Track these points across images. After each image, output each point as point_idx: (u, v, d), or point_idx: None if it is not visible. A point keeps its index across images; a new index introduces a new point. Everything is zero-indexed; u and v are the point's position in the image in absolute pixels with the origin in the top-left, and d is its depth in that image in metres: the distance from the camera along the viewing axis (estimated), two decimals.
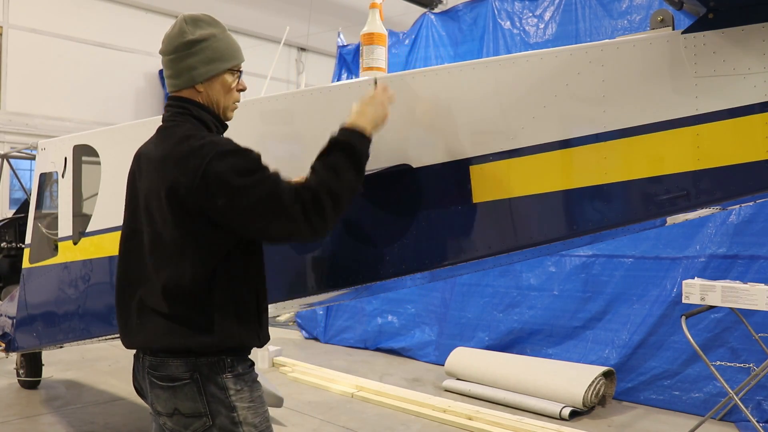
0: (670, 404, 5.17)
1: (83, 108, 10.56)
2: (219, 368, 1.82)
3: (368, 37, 2.65)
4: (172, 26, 1.98)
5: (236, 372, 1.85)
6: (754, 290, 3.93)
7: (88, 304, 3.60)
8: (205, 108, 1.97)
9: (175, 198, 1.78)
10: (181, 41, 1.93)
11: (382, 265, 2.36)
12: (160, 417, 1.89)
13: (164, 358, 1.84)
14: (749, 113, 1.87)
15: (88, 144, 3.67)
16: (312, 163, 1.91)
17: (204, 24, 1.97)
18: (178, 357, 1.82)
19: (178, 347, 1.82)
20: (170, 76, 1.98)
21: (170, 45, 1.95)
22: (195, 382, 1.81)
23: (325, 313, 7.84)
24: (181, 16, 1.99)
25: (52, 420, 4.83)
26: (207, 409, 1.80)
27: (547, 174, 2.12)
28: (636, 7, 5.62)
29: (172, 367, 1.82)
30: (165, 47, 1.97)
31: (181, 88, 1.97)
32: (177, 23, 1.97)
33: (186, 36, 1.93)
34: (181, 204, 1.78)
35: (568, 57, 2.11)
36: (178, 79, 1.96)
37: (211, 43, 1.95)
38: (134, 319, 1.91)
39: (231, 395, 1.82)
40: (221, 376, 1.82)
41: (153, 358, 1.87)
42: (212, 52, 1.95)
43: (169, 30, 1.99)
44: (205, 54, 1.94)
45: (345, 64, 8.05)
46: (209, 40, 1.95)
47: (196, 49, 1.93)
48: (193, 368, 1.81)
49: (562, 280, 5.92)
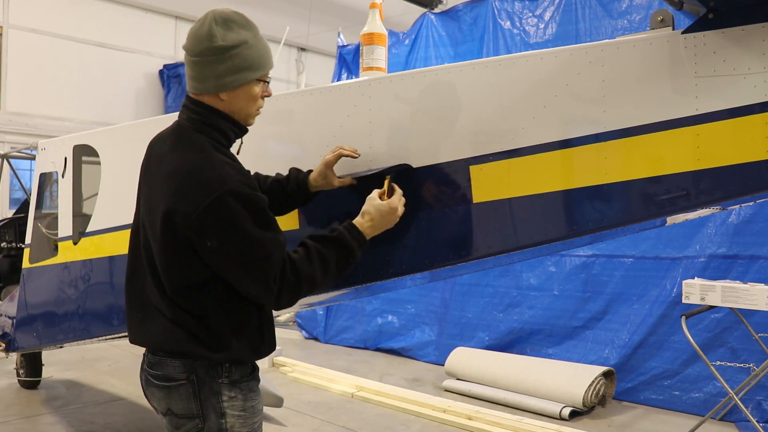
0: (670, 404, 5.17)
1: (83, 108, 10.56)
2: (216, 373, 1.80)
3: (368, 37, 2.65)
4: (200, 23, 1.81)
5: (233, 378, 1.82)
6: (754, 290, 3.93)
7: (88, 304, 3.60)
8: (224, 116, 1.87)
9: (170, 222, 1.73)
10: (209, 46, 1.78)
11: (383, 265, 2.36)
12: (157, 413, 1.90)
13: (163, 357, 1.83)
14: (749, 113, 1.87)
15: (88, 144, 3.67)
16: (308, 240, 1.89)
17: (236, 26, 1.81)
18: (176, 358, 1.81)
19: (177, 350, 1.80)
20: (193, 77, 1.85)
21: (196, 47, 1.80)
22: (191, 384, 1.79)
23: (325, 313, 7.83)
24: (212, 13, 1.81)
25: (52, 420, 4.83)
26: (200, 411, 1.79)
27: (547, 174, 2.12)
28: (636, 7, 5.62)
29: (170, 367, 1.81)
30: (190, 47, 1.81)
31: (202, 93, 1.85)
32: (206, 22, 1.80)
33: (215, 41, 1.77)
34: (173, 229, 1.73)
35: (568, 57, 2.11)
36: (201, 83, 1.83)
37: (241, 50, 1.80)
38: (137, 313, 1.90)
39: (223, 401, 1.80)
40: (217, 381, 1.80)
41: (152, 356, 1.86)
42: (241, 61, 1.81)
43: (196, 27, 1.82)
44: (233, 62, 1.80)
45: (345, 64, 8.05)
46: (240, 47, 1.80)
47: (224, 57, 1.78)
48: (191, 370, 1.80)
49: (562, 280, 5.92)
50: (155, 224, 1.78)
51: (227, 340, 1.80)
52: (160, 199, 1.77)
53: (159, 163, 1.85)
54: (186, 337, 1.78)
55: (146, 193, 1.89)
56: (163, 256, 1.78)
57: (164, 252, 1.77)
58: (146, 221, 1.85)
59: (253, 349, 1.87)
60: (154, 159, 1.90)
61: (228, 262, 1.73)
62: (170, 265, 1.77)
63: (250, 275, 1.74)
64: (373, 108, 2.39)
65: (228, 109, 1.87)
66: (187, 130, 1.86)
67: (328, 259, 1.88)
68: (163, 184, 1.78)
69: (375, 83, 2.43)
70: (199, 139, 1.82)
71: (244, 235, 1.70)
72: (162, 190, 1.77)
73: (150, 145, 1.97)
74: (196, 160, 1.76)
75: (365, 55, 2.64)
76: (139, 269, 1.90)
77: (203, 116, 1.85)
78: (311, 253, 1.85)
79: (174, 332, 1.79)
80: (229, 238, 1.70)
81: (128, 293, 1.95)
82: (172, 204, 1.72)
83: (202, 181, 1.70)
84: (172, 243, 1.75)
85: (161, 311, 1.81)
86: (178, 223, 1.71)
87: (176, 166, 1.77)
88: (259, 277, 1.73)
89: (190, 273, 1.77)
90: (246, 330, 1.84)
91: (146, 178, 1.92)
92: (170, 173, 1.77)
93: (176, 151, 1.82)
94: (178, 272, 1.78)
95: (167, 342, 1.81)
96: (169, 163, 1.80)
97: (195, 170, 1.73)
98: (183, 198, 1.71)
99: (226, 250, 1.71)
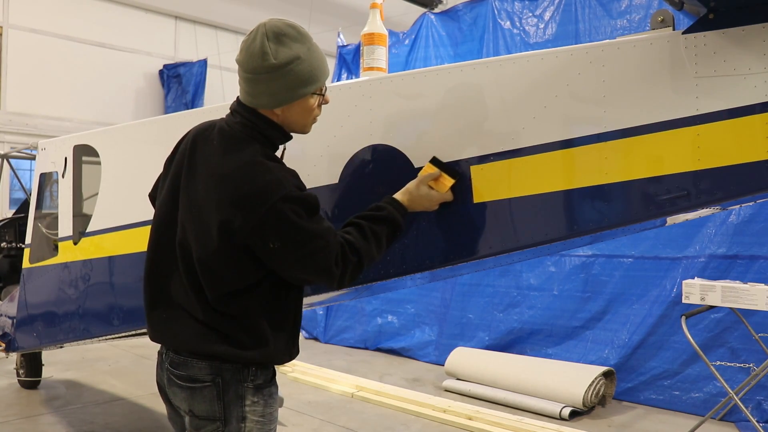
0: (670, 404, 5.17)
1: (83, 108, 10.56)
2: (242, 376, 1.79)
3: (368, 37, 2.65)
4: (252, 37, 1.78)
5: (257, 383, 1.82)
6: (754, 290, 3.94)
7: (88, 305, 3.60)
8: (277, 128, 1.87)
9: (227, 229, 1.72)
10: (261, 64, 1.75)
11: (383, 265, 2.36)
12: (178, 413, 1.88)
13: (188, 357, 1.80)
14: (749, 113, 1.87)
15: (88, 144, 3.67)
16: (358, 220, 1.95)
17: (288, 41, 1.77)
18: (202, 359, 1.78)
19: (206, 352, 1.78)
20: (247, 92, 1.83)
21: (249, 64, 1.77)
22: (216, 386, 1.78)
23: (325, 313, 7.84)
24: (263, 27, 1.78)
25: (52, 420, 4.83)
26: (222, 414, 1.78)
27: (547, 174, 2.12)
28: (636, 7, 5.62)
29: (195, 369, 1.79)
30: (243, 63, 1.80)
31: (257, 107, 1.84)
32: (258, 37, 1.76)
33: (268, 59, 1.74)
34: (230, 235, 1.72)
35: (569, 57, 2.11)
36: (255, 98, 1.82)
37: (294, 66, 1.76)
38: (161, 313, 1.87)
39: (246, 405, 1.79)
40: (243, 384, 1.79)
41: (176, 355, 1.83)
42: (295, 77, 1.78)
43: (248, 41, 1.79)
44: (286, 80, 1.77)
45: (345, 64, 8.05)
46: (293, 63, 1.76)
47: (277, 74, 1.76)
48: (217, 372, 1.78)
49: (562, 280, 5.92)
50: (208, 230, 1.75)
51: (265, 340, 1.79)
52: (213, 205, 1.74)
53: (206, 163, 1.82)
54: (217, 339, 1.77)
55: (190, 194, 1.83)
56: (215, 262, 1.75)
57: (218, 257, 1.74)
58: (190, 222, 1.80)
59: (287, 350, 1.88)
60: (199, 158, 1.85)
61: (291, 259, 1.75)
62: (223, 271, 1.75)
63: (314, 266, 1.77)
64: (373, 108, 2.39)
65: (282, 122, 1.88)
66: (237, 134, 1.84)
67: (380, 235, 1.95)
68: (216, 188, 1.75)
69: (375, 83, 2.43)
70: (250, 145, 1.81)
71: (303, 232, 1.73)
72: (215, 195, 1.75)
73: (191, 139, 1.91)
74: (250, 164, 1.75)
75: (365, 55, 2.65)
76: (163, 266, 1.87)
77: (257, 126, 1.85)
78: (365, 232, 1.91)
79: (205, 334, 1.77)
80: (289, 238, 1.72)
81: (149, 290, 1.91)
82: (228, 211, 1.71)
83: (258, 189, 1.71)
84: (229, 249, 1.74)
85: (191, 312, 1.79)
86: (236, 230, 1.71)
87: (229, 171, 1.75)
88: (322, 265, 1.77)
89: (243, 277, 1.77)
90: (283, 331, 1.85)
91: (188, 175, 1.85)
92: (223, 177, 1.75)
93: (227, 154, 1.79)
94: (230, 277, 1.76)
95: (196, 344, 1.79)
96: (220, 166, 1.77)
97: (250, 177, 1.72)
98: (240, 206, 1.70)
99: (289, 249, 1.73)
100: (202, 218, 1.77)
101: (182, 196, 1.85)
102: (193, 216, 1.80)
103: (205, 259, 1.76)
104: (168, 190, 1.91)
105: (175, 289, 1.84)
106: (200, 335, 1.78)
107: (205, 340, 1.77)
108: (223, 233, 1.72)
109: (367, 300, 7.28)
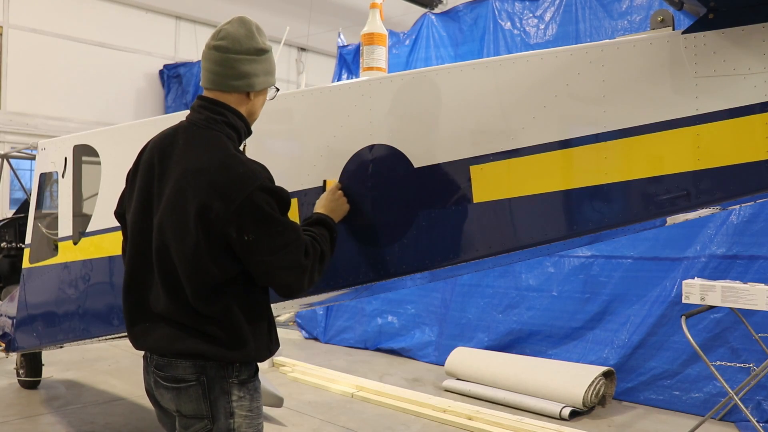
0: (670, 404, 5.17)
1: (84, 108, 10.56)
2: (226, 373, 1.82)
3: (368, 37, 2.65)
4: (236, 26, 1.94)
5: (242, 378, 1.85)
6: (754, 290, 3.94)
7: (88, 304, 3.60)
8: (243, 118, 1.98)
9: (204, 218, 1.75)
10: (252, 45, 1.93)
11: (383, 266, 2.36)
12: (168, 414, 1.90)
13: (171, 359, 1.82)
14: (749, 113, 1.87)
15: (88, 144, 3.67)
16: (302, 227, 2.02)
17: (263, 34, 2.00)
18: (186, 359, 1.81)
19: (189, 351, 1.80)
20: (229, 75, 1.93)
21: (241, 45, 1.92)
22: (201, 385, 1.80)
23: (325, 314, 7.83)
24: (246, 18, 1.98)
25: (52, 420, 4.83)
26: (209, 412, 1.80)
27: (547, 174, 2.12)
28: (636, 8, 5.62)
29: (180, 369, 1.81)
30: (233, 46, 1.91)
31: (234, 91, 1.94)
32: (244, 24, 1.95)
33: (257, 42, 1.94)
34: (206, 224, 1.75)
35: (569, 57, 2.11)
36: (237, 80, 1.93)
37: (270, 55, 2.00)
38: (141, 323, 1.90)
39: (233, 401, 1.82)
40: (227, 381, 1.82)
41: (160, 358, 1.85)
42: (269, 65, 2.00)
43: (232, 29, 1.93)
44: (267, 64, 1.99)
45: (345, 64, 8.05)
46: (269, 52, 2.00)
47: (262, 58, 1.96)
48: (201, 371, 1.80)
49: (562, 281, 5.92)
50: (183, 223, 1.77)
51: (245, 339, 1.82)
52: (189, 197, 1.77)
53: (179, 162, 1.85)
54: (199, 338, 1.79)
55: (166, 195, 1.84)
56: (194, 256, 1.77)
57: (197, 251, 1.76)
58: (168, 219, 1.81)
59: (267, 347, 1.91)
60: (170, 161, 1.87)
61: (265, 250, 1.78)
62: (202, 264, 1.77)
63: (287, 257, 1.80)
64: (373, 108, 2.40)
65: (247, 111, 1.98)
66: (204, 129, 1.90)
67: (326, 238, 2.06)
68: (193, 179, 1.78)
69: (375, 83, 2.43)
70: (219, 137, 1.88)
71: (278, 223, 1.79)
72: (189, 187, 1.78)
73: (156, 148, 1.94)
74: (224, 157, 1.81)
75: (365, 56, 2.65)
76: (139, 277, 1.89)
77: (225, 116, 1.93)
78: (314, 235, 1.98)
79: (186, 335, 1.80)
80: (264, 229, 1.76)
81: (128, 304, 1.93)
82: (206, 200, 1.75)
83: (234, 178, 1.76)
84: (205, 240, 1.76)
85: (170, 317, 1.81)
86: (213, 219, 1.74)
87: (204, 163, 1.80)
88: (293, 259, 1.81)
89: (222, 270, 1.79)
90: (261, 329, 1.89)
91: (161, 180, 1.87)
92: (199, 170, 1.79)
93: (198, 148, 1.85)
94: (209, 270, 1.77)
95: (179, 344, 1.81)
96: (195, 161, 1.82)
97: (225, 167, 1.78)
98: (217, 194, 1.74)
99: (263, 240, 1.77)
100: (179, 212, 1.79)
101: (156, 202, 1.87)
102: (170, 213, 1.81)
103: (185, 253, 1.77)
104: (138, 202, 1.93)
105: (153, 300, 1.86)
106: (181, 336, 1.80)
107: (186, 340, 1.80)
108: (200, 224, 1.75)
109: (367, 300, 7.28)
